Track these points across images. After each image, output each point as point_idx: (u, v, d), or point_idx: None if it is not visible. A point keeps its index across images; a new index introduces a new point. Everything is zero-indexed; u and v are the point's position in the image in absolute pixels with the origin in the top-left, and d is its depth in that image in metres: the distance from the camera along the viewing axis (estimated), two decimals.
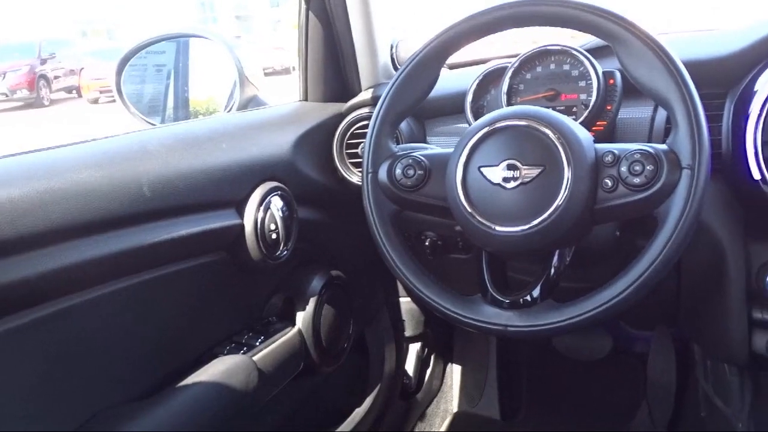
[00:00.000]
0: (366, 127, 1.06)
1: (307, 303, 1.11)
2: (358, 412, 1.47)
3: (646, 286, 0.73)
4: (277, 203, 1.00)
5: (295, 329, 1.09)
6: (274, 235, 0.99)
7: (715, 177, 0.94)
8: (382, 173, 0.88)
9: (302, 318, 1.10)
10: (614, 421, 1.69)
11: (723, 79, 0.98)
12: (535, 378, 1.84)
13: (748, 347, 1.01)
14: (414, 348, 1.71)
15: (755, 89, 0.90)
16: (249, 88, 1.29)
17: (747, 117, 0.90)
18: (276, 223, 0.99)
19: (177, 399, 0.86)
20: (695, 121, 0.73)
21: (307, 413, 1.32)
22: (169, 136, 0.97)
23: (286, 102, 1.33)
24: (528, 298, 0.81)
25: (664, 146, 0.75)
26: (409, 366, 1.70)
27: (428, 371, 1.77)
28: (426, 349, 1.74)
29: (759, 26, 0.97)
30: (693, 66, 0.79)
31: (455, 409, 1.80)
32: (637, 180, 0.73)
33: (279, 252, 1.01)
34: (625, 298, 0.74)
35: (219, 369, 0.91)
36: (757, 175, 0.89)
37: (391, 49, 1.35)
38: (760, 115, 0.89)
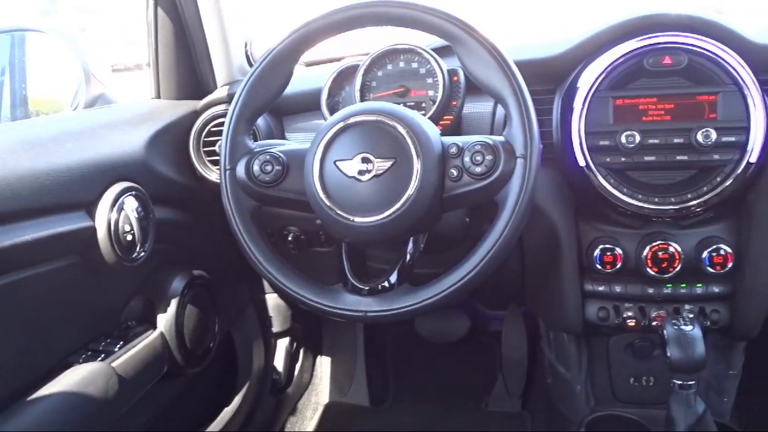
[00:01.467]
0: (222, 124, 1.06)
1: (168, 304, 1.08)
2: (227, 412, 1.45)
3: (491, 266, 0.80)
4: (131, 204, 0.97)
5: (156, 332, 1.06)
6: (129, 237, 0.96)
7: (549, 165, 1.04)
8: (240, 170, 0.88)
9: (164, 320, 1.08)
10: (474, 396, 1.80)
11: (551, 78, 1.08)
12: (401, 363, 1.92)
13: (582, 316, 1.13)
14: (283, 343, 1.72)
15: (578, 86, 1.01)
16: (95, 85, 1.23)
17: (572, 111, 1.00)
18: (131, 224, 0.96)
19: (29, 413, 0.81)
20: (526, 115, 0.80)
21: (175, 416, 1.29)
22: (6, 136, 0.91)
23: (137, 100, 1.29)
24: (386, 284, 0.85)
25: (501, 138, 0.82)
26: (279, 361, 1.71)
27: (298, 365, 1.79)
28: (295, 344, 1.76)
29: (581, 31, 1.08)
30: (525, 66, 0.87)
31: (326, 401, 1.84)
32: (478, 169, 0.80)
33: (135, 254, 0.98)
34: (473, 277, 0.80)
35: (74, 378, 0.87)
36: (582, 162, 1.00)
37: (246, 46, 1.35)
38: (582, 109, 0.99)
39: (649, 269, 1.03)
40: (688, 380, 0.91)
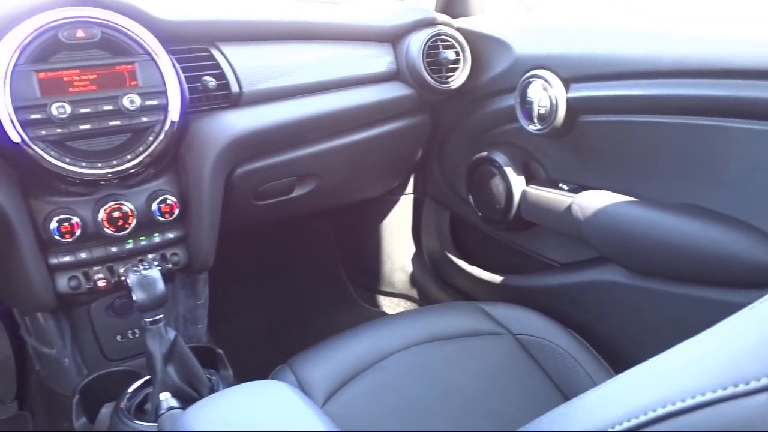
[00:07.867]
0: None
1: None
2: None
3: None
4: None
5: None
6: None
7: None
8: None
9: None
10: None
11: None
12: None
13: (53, 291, 1.14)
14: None
15: None
16: None
17: None
18: None
19: None
20: None
21: None
22: None
23: None
24: None
25: None
26: None
27: None
28: None
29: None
30: None
31: None
32: None
33: None
34: None
35: None
36: (17, 138, 0.98)
37: None
38: (4, 85, 0.97)
39: (107, 230, 1.11)
40: (156, 316, 1.03)
